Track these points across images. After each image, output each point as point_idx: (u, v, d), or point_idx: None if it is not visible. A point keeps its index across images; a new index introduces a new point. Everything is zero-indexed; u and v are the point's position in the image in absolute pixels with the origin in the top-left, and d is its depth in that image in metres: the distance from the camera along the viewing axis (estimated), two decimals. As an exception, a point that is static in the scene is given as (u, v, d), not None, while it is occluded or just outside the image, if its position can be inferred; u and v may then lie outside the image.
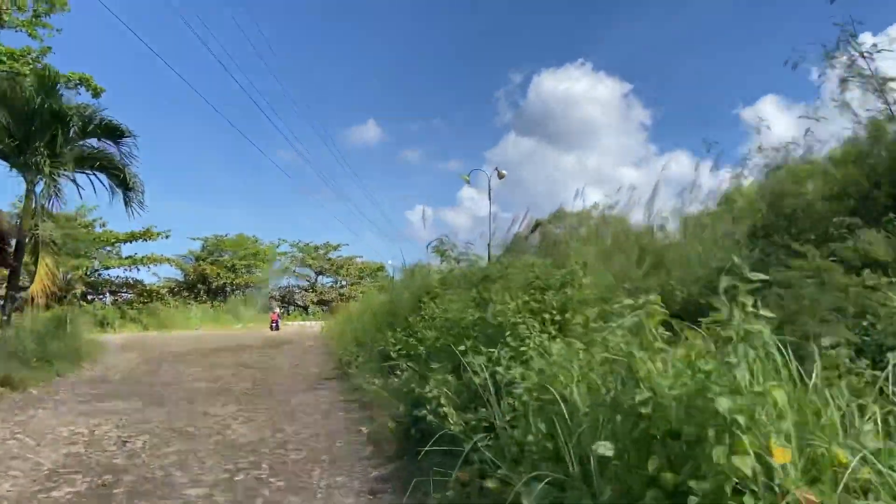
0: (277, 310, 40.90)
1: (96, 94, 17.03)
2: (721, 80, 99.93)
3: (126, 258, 33.88)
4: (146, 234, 33.49)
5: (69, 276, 32.17)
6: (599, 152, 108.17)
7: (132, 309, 34.22)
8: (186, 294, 48.71)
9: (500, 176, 19.94)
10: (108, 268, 33.96)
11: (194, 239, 50.59)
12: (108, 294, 34.07)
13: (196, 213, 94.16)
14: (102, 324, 30.38)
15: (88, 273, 33.45)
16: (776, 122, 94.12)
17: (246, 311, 43.16)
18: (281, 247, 53.36)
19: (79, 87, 16.62)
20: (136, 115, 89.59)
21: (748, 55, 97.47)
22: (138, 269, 34.81)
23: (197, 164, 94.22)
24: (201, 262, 48.81)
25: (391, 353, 8.14)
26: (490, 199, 19.86)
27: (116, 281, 35.29)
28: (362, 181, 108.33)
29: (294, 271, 55.64)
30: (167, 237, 34.10)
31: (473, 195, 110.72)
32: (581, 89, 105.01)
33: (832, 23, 7.18)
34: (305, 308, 53.76)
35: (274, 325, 35.41)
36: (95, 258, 33.11)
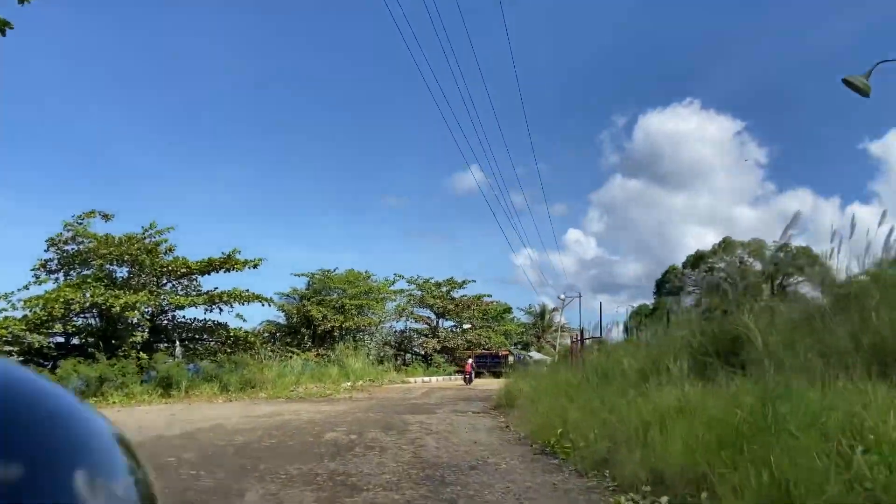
0: (470, 360, 36.08)
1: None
2: (842, 113, 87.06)
3: (200, 295, 24.72)
4: (228, 263, 24.35)
5: (128, 319, 23.40)
6: (711, 192, 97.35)
7: (213, 361, 24.96)
8: (289, 340, 39.78)
9: None
10: (180, 307, 24.90)
11: (298, 275, 41.90)
12: (176, 343, 24.92)
13: (302, 256, 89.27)
14: (167, 384, 21.25)
15: (152, 314, 24.54)
16: None
17: (355, 360, 33.24)
18: (396, 283, 43.56)
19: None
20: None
21: (872, 85, 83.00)
22: (220, 310, 25.48)
23: (302, 204, 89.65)
24: (306, 301, 39.83)
25: None
26: None
27: (194, 325, 26.13)
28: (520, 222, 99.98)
29: (412, 312, 45.60)
30: (255, 266, 24.83)
31: (580, 238, 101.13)
32: (690, 128, 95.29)
33: None
34: (426, 357, 43.48)
35: (468, 376, 32.26)
36: (161, 293, 24.15)
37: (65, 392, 0.61)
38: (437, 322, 46.80)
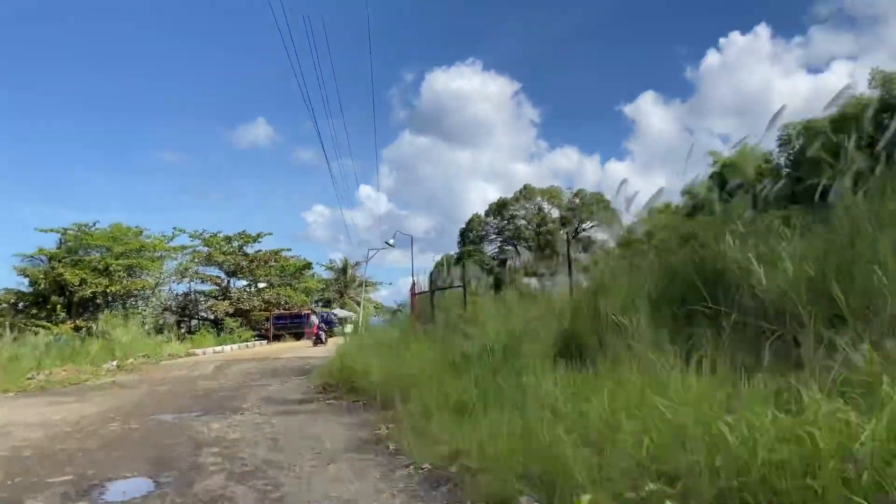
0: (316, 320, 33.78)
1: None
2: (603, 77, 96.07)
3: None
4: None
5: None
6: (492, 149, 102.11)
7: None
8: (36, 312, 31.30)
9: None
10: None
11: (45, 231, 33.04)
12: None
13: (56, 214, 76.76)
14: None
15: None
16: (655, 117, 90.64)
17: (125, 332, 26.27)
18: (176, 239, 36.32)
19: None
20: None
21: (626, 53, 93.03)
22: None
23: (54, 157, 76.56)
24: (57, 263, 31.46)
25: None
26: None
27: None
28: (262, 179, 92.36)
29: (196, 272, 38.66)
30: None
31: (371, 193, 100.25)
32: (472, 88, 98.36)
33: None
34: (216, 322, 37.15)
35: (316, 338, 29.83)
36: None
37: None
38: (229, 282, 40.40)
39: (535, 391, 4.78)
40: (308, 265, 49.16)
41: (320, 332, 30.55)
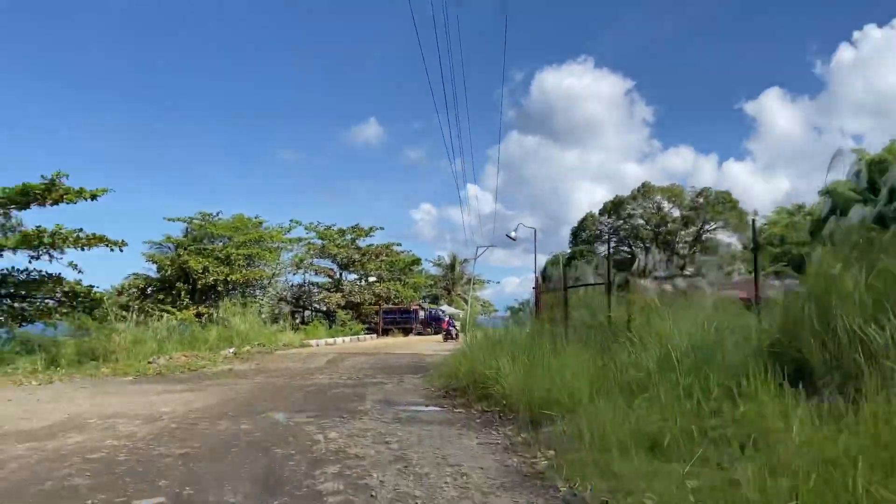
0: (447, 316, 35.27)
1: None
2: (722, 74, 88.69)
3: (8, 237, 17.33)
4: (53, 192, 17.05)
5: None
6: (602, 148, 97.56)
7: (48, 325, 18.45)
8: (162, 297, 32.37)
9: None
10: (-7, 252, 17.51)
11: (172, 220, 34.12)
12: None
13: (183, 205, 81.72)
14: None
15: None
16: (779, 115, 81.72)
17: (242, 321, 26.47)
18: (293, 231, 36.56)
19: None
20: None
21: (749, 48, 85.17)
22: (50, 258, 18.31)
23: (186, 153, 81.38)
24: (182, 250, 32.39)
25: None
26: None
27: (11, 278, 18.67)
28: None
29: (311, 264, 38.98)
30: (94, 197, 17.63)
31: (478, 193, 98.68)
32: (584, 86, 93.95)
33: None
34: (328, 314, 37.26)
35: (447, 333, 30.05)
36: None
37: None
38: (341, 274, 40.47)
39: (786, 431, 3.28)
40: (417, 261, 48.62)
41: (451, 328, 31.36)
